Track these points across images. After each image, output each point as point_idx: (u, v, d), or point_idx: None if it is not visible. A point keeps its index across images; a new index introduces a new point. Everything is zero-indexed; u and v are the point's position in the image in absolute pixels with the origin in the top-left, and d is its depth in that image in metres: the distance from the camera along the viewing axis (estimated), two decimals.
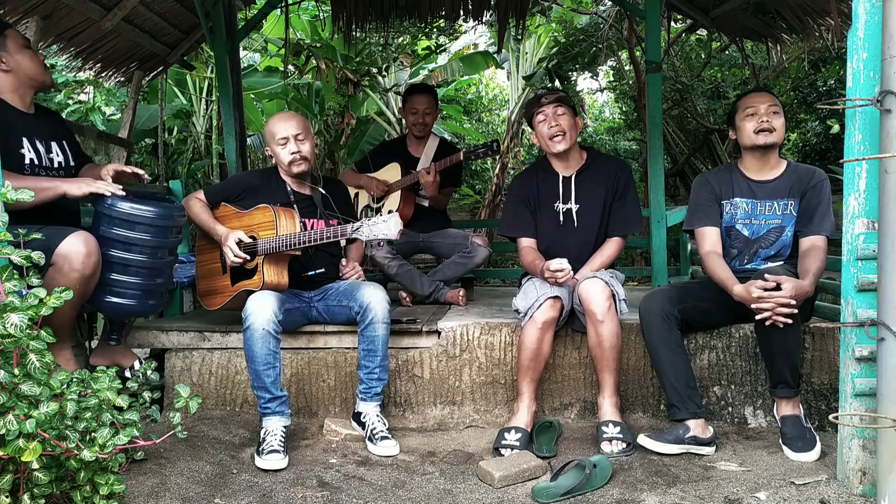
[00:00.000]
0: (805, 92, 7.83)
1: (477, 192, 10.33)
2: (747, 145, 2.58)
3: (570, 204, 2.82)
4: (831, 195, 2.53)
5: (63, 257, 2.27)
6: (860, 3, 1.92)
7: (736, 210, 2.63)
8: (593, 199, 2.82)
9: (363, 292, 2.64)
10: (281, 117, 2.81)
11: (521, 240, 2.88)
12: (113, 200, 2.45)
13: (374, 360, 2.60)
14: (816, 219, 2.48)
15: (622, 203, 2.82)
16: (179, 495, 2.08)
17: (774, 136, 2.52)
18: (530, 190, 2.89)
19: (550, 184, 2.85)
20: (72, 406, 1.78)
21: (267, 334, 2.45)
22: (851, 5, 1.96)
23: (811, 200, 2.51)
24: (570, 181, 2.83)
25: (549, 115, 2.75)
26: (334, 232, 2.55)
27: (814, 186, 2.52)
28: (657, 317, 2.49)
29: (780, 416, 2.43)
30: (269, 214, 2.68)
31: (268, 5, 4.64)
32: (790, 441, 2.35)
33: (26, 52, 2.55)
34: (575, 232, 2.82)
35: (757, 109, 2.53)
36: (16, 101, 2.54)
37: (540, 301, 2.53)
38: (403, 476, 2.30)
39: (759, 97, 2.56)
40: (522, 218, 2.89)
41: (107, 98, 6.40)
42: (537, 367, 2.59)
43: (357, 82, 6.68)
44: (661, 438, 2.39)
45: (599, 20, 7.26)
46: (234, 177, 3.13)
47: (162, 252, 2.58)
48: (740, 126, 2.58)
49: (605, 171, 2.84)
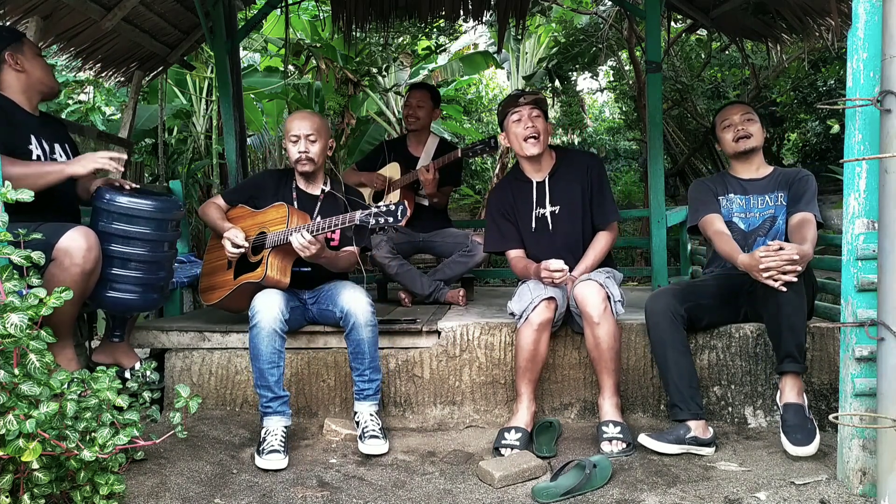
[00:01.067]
0: (805, 92, 7.83)
1: (477, 192, 10.34)
2: (730, 153, 2.77)
3: (549, 207, 2.82)
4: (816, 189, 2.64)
5: (63, 252, 2.28)
6: (860, 3, 1.92)
7: (731, 205, 2.74)
8: (571, 198, 2.81)
9: (343, 297, 2.63)
10: (298, 115, 2.85)
11: (509, 252, 2.88)
12: (111, 195, 2.48)
13: (362, 362, 2.60)
14: (803, 202, 2.58)
15: (600, 196, 2.83)
16: (179, 495, 2.08)
17: (753, 140, 2.70)
18: (506, 201, 2.88)
19: (525, 192, 2.85)
20: (72, 406, 1.78)
21: (273, 332, 2.46)
22: (851, 5, 1.96)
23: (798, 189, 2.62)
24: (544, 185, 2.83)
25: (525, 116, 2.74)
26: (342, 220, 2.55)
27: (799, 179, 2.65)
28: (664, 316, 2.50)
29: (784, 402, 2.36)
30: (283, 211, 2.70)
31: (268, 5, 4.64)
32: (789, 430, 2.28)
33: (39, 60, 2.67)
34: (558, 234, 2.82)
35: (732, 120, 2.72)
36: (23, 103, 2.62)
37: (535, 303, 2.53)
38: (403, 476, 2.30)
39: (732, 109, 2.77)
40: (506, 231, 2.88)
41: (107, 98, 6.40)
42: (535, 367, 2.59)
43: (357, 82, 6.68)
44: (662, 438, 2.39)
45: (599, 20, 7.26)
46: (249, 178, 3.18)
47: (162, 246, 2.59)
48: (721, 138, 2.78)
49: (577, 168, 2.84)
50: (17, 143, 2.48)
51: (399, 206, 2.47)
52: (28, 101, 2.63)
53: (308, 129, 2.77)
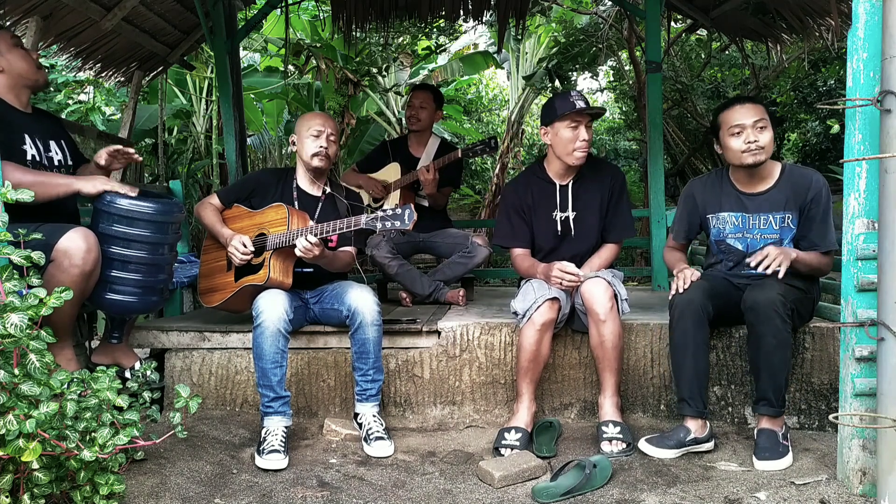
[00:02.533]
0: (805, 92, 7.82)
1: (477, 192, 10.34)
2: (734, 163, 2.48)
3: (568, 212, 2.80)
4: (831, 200, 2.47)
5: (63, 253, 2.27)
6: (860, 3, 1.92)
7: (724, 225, 2.57)
8: (590, 206, 2.80)
9: (351, 295, 2.63)
10: (321, 114, 2.89)
11: (515, 249, 2.87)
12: (112, 197, 2.45)
13: (366, 361, 2.60)
14: (821, 233, 2.41)
15: (617, 210, 2.81)
16: (179, 495, 2.08)
17: (764, 153, 2.40)
18: (525, 199, 2.84)
19: (547, 193, 2.82)
20: (72, 406, 1.78)
21: (278, 332, 2.46)
22: (851, 5, 1.96)
23: (813, 215, 2.43)
24: (567, 189, 2.80)
25: (583, 127, 2.66)
26: (348, 223, 2.55)
27: (812, 199, 2.42)
28: (691, 309, 2.38)
29: (759, 427, 2.36)
30: (283, 212, 2.69)
31: (268, 5, 4.64)
32: (758, 451, 2.29)
33: (17, 52, 2.54)
34: (573, 240, 2.81)
35: (743, 127, 2.39)
36: (13, 101, 2.55)
37: (538, 303, 2.53)
38: (403, 476, 2.30)
39: (743, 112, 2.41)
40: (519, 228, 2.85)
41: (107, 98, 6.40)
42: (536, 368, 2.58)
43: (357, 82, 6.68)
44: (663, 444, 2.37)
45: (599, 20, 7.26)
46: (246, 176, 3.16)
47: (162, 248, 2.57)
48: (726, 144, 2.44)
49: (600, 178, 2.81)
50: (10, 144, 2.43)
51: (406, 210, 2.46)
52: (17, 98, 2.55)
53: (332, 129, 2.80)
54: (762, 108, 2.43)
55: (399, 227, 2.46)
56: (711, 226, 2.62)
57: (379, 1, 4.75)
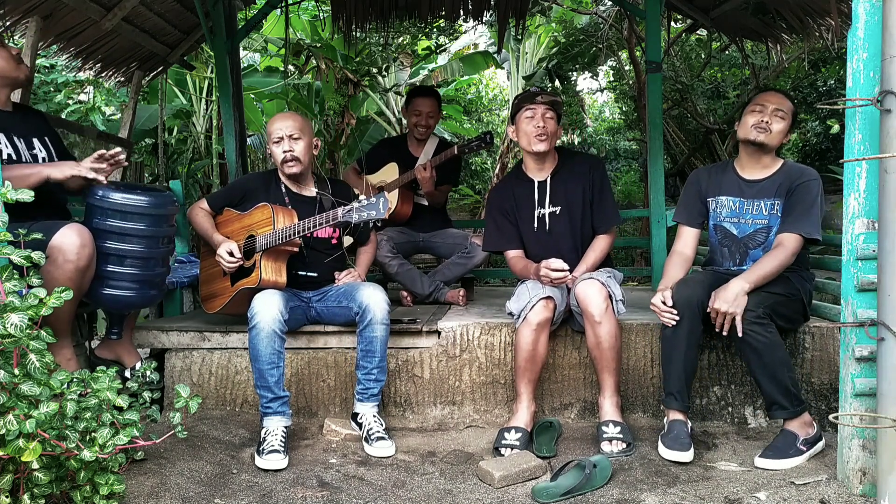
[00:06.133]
0: (805, 92, 7.83)
1: (477, 192, 10.33)
2: (741, 137, 2.58)
3: (549, 208, 2.82)
4: (822, 198, 2.48)
5: (57, 249, 2.26)
6: (860, 3, 1.92)
7: (721, 208, 2.64)
8: (572, 199, 2.81)
9: (362, 293, 2.64)
10: (278, 116, 2.83)
11: (508, 252, 2.88)
12: (104, 191, 2.43)
13: (372, 360, 2.60)
14: (793, 217, 2.45)
15: (601, 199, 2.82)
16: (179, 495, 2.08)
17: (767, 137, 2.50)
18: (508, 200, 2.88)
19: (527, 191, 2.85)
20: (72, 406, 1.78)
21: (273, 333, 2.45)
22: (851, 5, 1.96)
23: (793, 199, 2.47)
24: (546, 185, 2.83)
25: (539, 115, 2.73)
26: (326, 218, 2.55)
27: (799, 185, 2.48)
28: (688, 305, 2.40)
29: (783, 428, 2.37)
30: (268, 212, 2.69)
31: (268, 5, 4.63)
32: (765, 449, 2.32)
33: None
34: (558, 234, 2.82)
35: (764, 108, 2.52)
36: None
37: (532, 302, 2.53)
38: (403, 476, 2.30)
39: (770, 96, 2.56)
40: (506, 230, 2.88)
41: (107, 98, 6.39)
42: (534, 367, 2.59)
43: (357, 82, 6.67)
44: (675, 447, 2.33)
45: (599, 20, 7.26)
46: (234, 182, 3.16)
47: (158, 241, 2.56)
48: (744, 118, 2.58)
49: (579, 171, 2.83)
50: None
51: (380, 199, 2.45)
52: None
53: (290, 128, 2.75)
54: (789, 104, 2.56)
55: (375, 217, 2.45)
56: (711, 209, 2.67)
57: (379, 1, 4.75)
